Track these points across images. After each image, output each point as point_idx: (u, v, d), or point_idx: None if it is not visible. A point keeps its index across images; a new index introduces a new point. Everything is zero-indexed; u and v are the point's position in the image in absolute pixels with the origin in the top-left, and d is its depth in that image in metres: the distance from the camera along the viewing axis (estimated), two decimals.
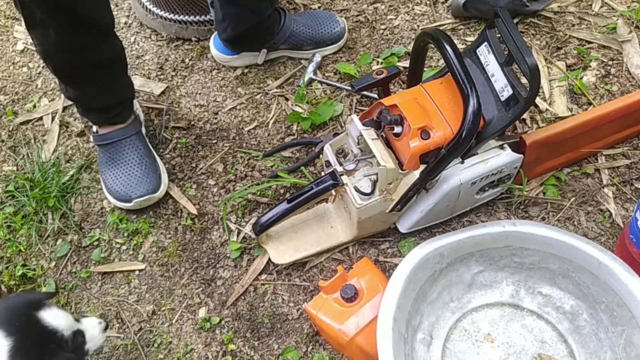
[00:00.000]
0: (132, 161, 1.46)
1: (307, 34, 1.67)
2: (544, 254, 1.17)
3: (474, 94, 1.06)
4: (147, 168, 1.46)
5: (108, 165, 1.48)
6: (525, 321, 1.20)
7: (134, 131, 1.49)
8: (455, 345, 1.19)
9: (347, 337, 1.10)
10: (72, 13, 1.21)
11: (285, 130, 1.59)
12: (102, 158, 1.50)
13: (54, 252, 1.46)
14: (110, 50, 1.39)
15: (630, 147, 1.43)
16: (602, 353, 1.12)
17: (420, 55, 1.26)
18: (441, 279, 1.19)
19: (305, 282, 1.34)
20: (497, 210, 1.38)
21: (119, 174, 1.45)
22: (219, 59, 1.73)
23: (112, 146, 1.48)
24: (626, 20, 1.65)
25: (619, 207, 1.35)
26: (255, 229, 1.30)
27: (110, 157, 1.48)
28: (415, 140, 1.14)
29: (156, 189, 1.45)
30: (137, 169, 1.45)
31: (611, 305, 1.10)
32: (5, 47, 1.93)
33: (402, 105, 1.16)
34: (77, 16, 1.22)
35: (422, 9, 1.77)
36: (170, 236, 1.45)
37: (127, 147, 1.47)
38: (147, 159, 1.47)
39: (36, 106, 1.76)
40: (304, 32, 1.66)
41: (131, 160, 1.46)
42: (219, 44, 1.70)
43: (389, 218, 1.30)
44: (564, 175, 1.40)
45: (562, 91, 1.54)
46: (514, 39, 1.10)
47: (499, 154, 1.24)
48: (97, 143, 1.50)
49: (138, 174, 1.44)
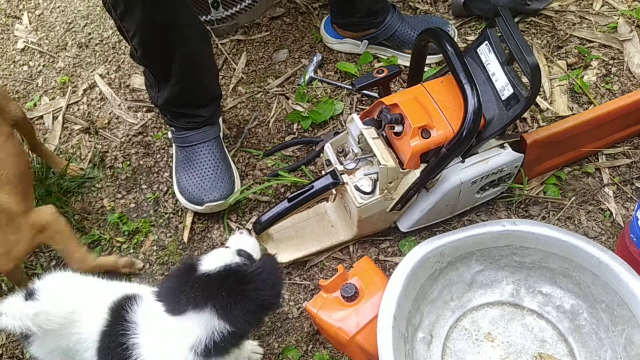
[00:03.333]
0: (207, 165, 1.44)
1: (410, 37, 1.62)
2: (545, 253, 1.17)
3: (474, 93, 1.06)
4: (222, 173, 1.44)
5: (183, 165, 1.46)
6: (525, 320, 1.20)
7: (213, 135, 1.47)
8: (456, 344, 1.19)
9: (347, 335, 1.10)
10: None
11: (286, 129, 1.59)
12: (179, 158, 1.48)
13: (54, 251, 1.46)
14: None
15: (631, 146, 1.43)
16: (602, 352, 1.12)
17: (421, 55, 1.26)
18: (441, 278, 1.20)
19: (305, 280, 1.34)
20: (498, 210, 1.38)
21: (193, 175, 1.44)
22: (325, 40, 1.72)
23: (190, 148, 1.46)
24: (627, 20, 1.65)
25: (620, 207, 1.35)
26: (256, 227, 1.30)
27: (186, 158, 1.46)
28: (416, 139, 1.14)
29: (229, 194, 1.42)
30: (212, 173, 1.43)
31: (611, 304, 1.10)
32: (5, 46, 1.93)
33: (403, 104, 1.16)
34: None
35: (423, 8, 1.77)
36: (170, 235, 1.45)
37: (205, 151, 1.45)
38: (223, 164, 1.45)
39: (37, 105, 1.76)
40: (409, 34, 1.62)
41: (207, 164, 1.44)
42: (328, 25, 1.70)
43: (390, 217, 1.30)
44: (565, 175, 1.40)
45: (563, 90, 1.54)
46: (515, 38, 1.10)
47: (500, 153, 1.24)
48: (177, 144, 1.49)
49: (212, 178, 1.43)
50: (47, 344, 1.00)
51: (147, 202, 1.51)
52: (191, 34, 1.32)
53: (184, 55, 1.32)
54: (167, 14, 1.23)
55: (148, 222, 1.47)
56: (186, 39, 1.31)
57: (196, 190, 1.42)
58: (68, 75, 1.81)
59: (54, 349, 1.01)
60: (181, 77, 1.36)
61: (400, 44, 1.63)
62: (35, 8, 2.00)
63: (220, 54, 1.76)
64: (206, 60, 1.42)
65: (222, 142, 1.51)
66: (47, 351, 1.02)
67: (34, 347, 1.01)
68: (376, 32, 1.62)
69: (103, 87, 1.75)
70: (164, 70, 1.35)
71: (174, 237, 1.45)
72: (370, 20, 1.60)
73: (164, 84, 1.39)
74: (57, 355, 1.03)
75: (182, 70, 1.34)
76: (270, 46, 1.76)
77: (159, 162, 1.58)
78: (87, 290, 1.06)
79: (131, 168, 1.57)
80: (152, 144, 1.61)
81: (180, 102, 1.42)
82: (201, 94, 1.43)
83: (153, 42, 1.29)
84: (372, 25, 1.61)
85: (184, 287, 0.94)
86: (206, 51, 1.42)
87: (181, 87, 1.38)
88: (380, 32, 1.62)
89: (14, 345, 1.36)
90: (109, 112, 1.70)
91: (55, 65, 1.84)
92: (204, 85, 1.44)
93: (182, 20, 1.28)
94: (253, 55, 1.75)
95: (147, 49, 1.31)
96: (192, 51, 1.34)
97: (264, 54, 1.74)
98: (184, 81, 1.37)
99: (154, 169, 1.57)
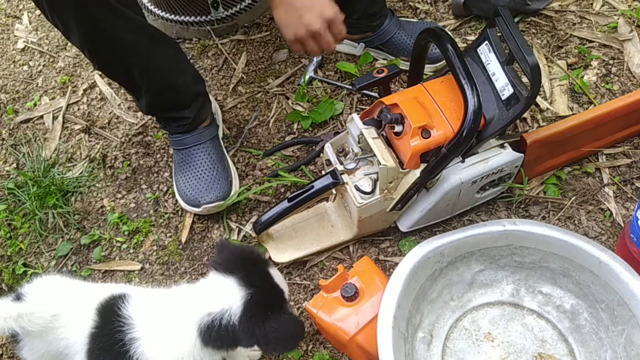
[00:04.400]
0: (203, 167, 1.44)
1: (406, 44, 1.61)
2: (545, 253, 1.17)
3: (474, 93, 1.06)
4: (219, 174, 1.43)
5: (181, 168, 1.46)
6: (525, 320, 1.20)
7: (208, 137, 1.46)
8: (456, 344, 1.19)
9: (347, 335, 1.10)
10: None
11: (286, 129, 1.59)
12: (176, 160, 1.48)
13: (54, 251, 1.46)
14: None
15: (631, 146, 1.43)
16: (603, 352, 1.12)
17: (421, 54, 1.26)
18: (441, 278, 1.19)
19: (305, 280, 1.34)
20: (498, 209, 1.38)
21: (190, 178, 1.44)
22: None
23: (186, 150, 1.46)
24: (627, 19, 1.65)
25: (620, 206, 1.35)
26: (256, 227, 1.30)
27: (183, 161, 1.46)
28: (416, 139, 1.14)
29: (226, 195, 1.42)
30: (208, 174, 1.43)
31: (611, 304, 1.10)
32: (6, 46, 1.93)
33: (403, 104, 1.16)
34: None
35: (423, 7, 1.77)
36: (170, 235, 1.45)
37: (200, 153, 1.45)
38: (219, 165, 1.45)
39: (37, 104, 1.76)
40: (405, 41, 1.60)
41: (203, 166, 1.44)
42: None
43: (390, 217, 1.30)
44: (565, 174, 1.40)
45: (563, 90, 1.54)
46: (515, 37, 1.10)
47: (500, 153, 1.24)
48: (173, 147, 1.48)
49: (209, 179, 1.42)
50: (36, 348, 1.02)
51: (147, 202, 1.51)
52: (138, 42, 1.27)
53: (138, 64, 1.29)
54: (102, 28, 1.19)
55: (148, 222, 1.47)
56: (134, 49, 1.27)
57: (193, 192, 1.42)
58: (68, 75, 1.81)
59: (44, 353, 1.03)
60: (148, 84, 1.33)
61: (396, 51, 1.62)
62: (36, 8, 2.00)
63: (220, 54, 1.76)
64: (167, 61, 1.36)
65: (221, 143, 1.51)
66: (37, 356, 1.03)
67: (25, 351, 1.03)
68: (373, 36, 1.62)
69: (103, 87, 1.75)
70: (129, 80, 1.33)
71: (174, 237, 1.45)
72: (367, 23, 1.60)
73: (137, 93, 1.38)
74: (48, 359, 1.04)
75: (145, 77, 1.31)
76: (270, 46, 1.76)
77: (159, 162, 1.58)
78: (73, 293, 1.07)
79: (131, 168, 1.57)
80: (152, 144, 1.61)
81: (159, 107, 1.41)
82: (177, 95, 1.40)
83: (102, 56, 1.27)
84: (369, 28, 1.61)
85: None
86: (165, 53, 1.35)
87: (152, 94, 1.36)
88: (376, 36, 1.62)
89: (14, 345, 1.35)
90: (109, 112, 1.70)
91: (55, 65, 1.84)
92: (177, 87, 1.38)
93: (121, 30, 1.22)
94: (253, 55, 1.75)
95: (100, 63, 1.30)
96: (145, 58, 1.30)
97: (264, 54, 1.74)
98: (153, 88, 1.34)
99: (154, 169, 1.57)
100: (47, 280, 1.09)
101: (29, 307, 0.98)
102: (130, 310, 0.99)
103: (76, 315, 1.01)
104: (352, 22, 1.59)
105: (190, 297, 1.00)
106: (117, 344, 0.97)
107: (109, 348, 0.98)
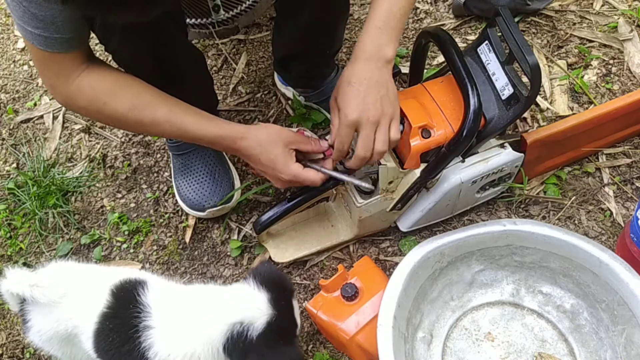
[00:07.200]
0: (204, 170, 1.43)
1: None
2: (545, 253, 1.17)
3: (474, 93, 1.06)
4: (220, 177, 1.43)
5: (181, 173, 1.45)
6: (525, 320, 1.20)
7: None
8: (456, 344, 1.19)
9: (347, 335, 1.10)
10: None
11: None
12: (176, 165, 1.47)
13: (55, 251, 1.46)
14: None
15: (631, 146, 1.43)
16: (603, 352, 1.12)
17: (421, 54, 1.26)
18: (442, 278, 1.20)
19: (305, 280, 1.34)
20: (498, 209, 1.38)
21: (191, 182, 1.43)
22: (277, 83, 1.65)
23: (185, 155, 1.45)
24: (627, 19, 1.65)
25: (620, 206, 1.35)
26: (256, 227, 1.30)
27: (183, 165, 1.45)
28: (416, 139, 1.14)
29: (230, 198, 1.42)
30: (209, 178, 1.42)
31: (612, 304, 1.10)
32: (6, 45, 1.93)
33: (403, 104, 1.15)
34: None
35: (423, 7, 1.77)
36: (170, 235, 1.45)
37: (199, 157, 1.44)
38: (220, 168, 1.44)
39: (37, 104, 1.76)
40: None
41: (203, 170, 1.43)
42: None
43: (390, 217, 1.30)
44: (565, 174, 1.40)
45: (563, 90, 1.54)
46: (515, 37, 1.10)
47: (500, 152, 1.24)
48: (171, 152, 1.48)
49: (211, 183, 1.42)
50: (44, 330, 1.03)
51: (147, 202, 1.51)
52: (191, 66, 1.28)
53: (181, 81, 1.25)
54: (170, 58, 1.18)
55: (148, 222, 1.47)
56: (187, 71, 1.26)
57: (197, 197, 1.41)
58: None
59: (52, 336, 1.03)
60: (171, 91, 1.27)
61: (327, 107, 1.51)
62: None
63: (220, 54, 1.76)
64: (202, 85, 1.39)
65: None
66: (45, 338, 1.04)
67: (32, 333, 1.04)
68: (311, 93, 1.54)
69: None
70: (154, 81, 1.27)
71: (174, 237, 1.45)
72: (305, 82, 1.53)
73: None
74: (56, 342, 1.05)
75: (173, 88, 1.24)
76: (270, 46, 1.76)
77: (159, 162, 1.58)
78: (87, 275, 1.08)
79: (131, 168, 1.57)
80: (152, 144, 1.61)
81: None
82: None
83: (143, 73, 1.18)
84: (309, 86, 1.53)
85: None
86: (205, 79, 1.39)
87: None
88: (314, 94, 1.54)
89: (14, 345, 1.36)
90: None
91: None
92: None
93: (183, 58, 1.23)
94: (253, 55, 1.75)
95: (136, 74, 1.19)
96: (189, 81, 1.28)
97: (264, 54, 1.74)
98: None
99: (154, 168, 1.57)
100: (62, 264, 1.12)
101: (44, 281, 1.00)
102: (150, 298, 1.00)
103: (88, 295, 1.02)
104: (290, 76, 1.54)
105: (221, 300, 1.00)
106: (131, 329, 0.97)
107: (119, 330, 0.98)
